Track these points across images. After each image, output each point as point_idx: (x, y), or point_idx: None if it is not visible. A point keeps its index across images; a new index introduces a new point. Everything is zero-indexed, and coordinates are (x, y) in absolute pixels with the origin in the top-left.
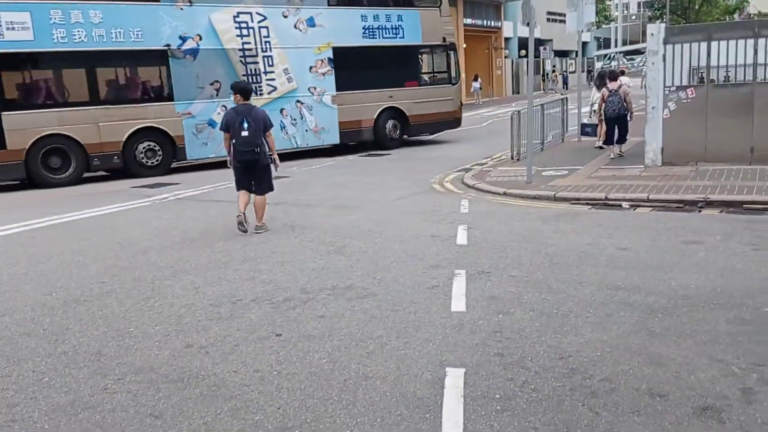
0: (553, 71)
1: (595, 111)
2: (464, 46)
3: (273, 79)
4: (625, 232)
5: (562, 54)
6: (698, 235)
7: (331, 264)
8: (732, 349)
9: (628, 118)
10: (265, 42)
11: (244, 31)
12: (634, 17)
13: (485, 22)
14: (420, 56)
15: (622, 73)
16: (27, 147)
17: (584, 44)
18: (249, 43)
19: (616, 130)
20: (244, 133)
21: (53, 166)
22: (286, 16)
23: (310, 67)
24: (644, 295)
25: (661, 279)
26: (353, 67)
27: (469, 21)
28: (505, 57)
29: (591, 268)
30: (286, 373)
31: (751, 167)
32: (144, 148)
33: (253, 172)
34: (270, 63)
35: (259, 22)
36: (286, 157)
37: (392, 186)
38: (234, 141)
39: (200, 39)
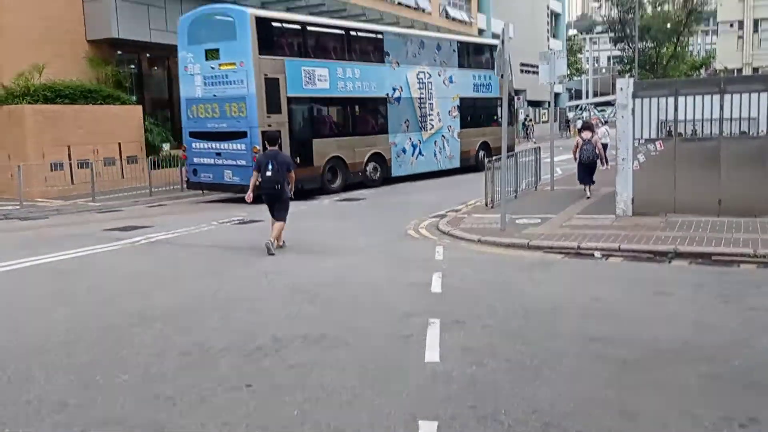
0: (529, 120)
1: None
2: None
3: (432, 120)
4: (598, 282)
5: (535, 104)
6: (669, 286)
7: (303, 312)
8: (702, 403)
9: (604, 167)
10: (430, 93)
11: (421, 85)
12: (604, 70)
13: None
14: (496, 105)
15: (606, 123)
16: (323, 164)
17: (557, 95)
18: (423, 93)
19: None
20: (269, 173)
21: (328, 179)
22: (440, 75)
23: (449, 111)
24: (617, 347)
25: (634, 331)
26: (467, 112)
27: None
28: None
29: (564, 319)
30: (255, 425)
31: (719, 219)
32: (371, 167)
33: (275, 203)
34: (431, 108)
35: (427, 78)
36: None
37: (367, 232)
38: (261, 178)
39: (401, 90)
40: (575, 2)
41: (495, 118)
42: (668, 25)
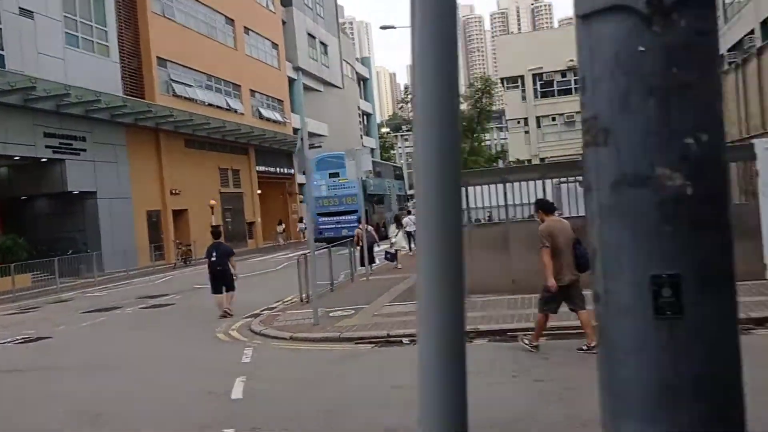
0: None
1: (394, 242)
2: (259, 192)
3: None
4: (402, 369)
5: None
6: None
7: None
8: None
9: (411, 253)
10: None
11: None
12: None
13: (277, 169)
14: None
15: (409, 213)
16: (380, 223)
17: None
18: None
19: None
20: (213, 259)
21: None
22: None
23: None
24: None
25: None
26: None
27: (261, 168)
28: (300, 202)
29: (365, 411)
30: None
31: (514, 296)
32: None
33: (221, 279)
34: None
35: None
36: None
37: (172, 338)
38: (208, 262)
39: None
40: (386, 103)
41: None
42: (463, 123)
